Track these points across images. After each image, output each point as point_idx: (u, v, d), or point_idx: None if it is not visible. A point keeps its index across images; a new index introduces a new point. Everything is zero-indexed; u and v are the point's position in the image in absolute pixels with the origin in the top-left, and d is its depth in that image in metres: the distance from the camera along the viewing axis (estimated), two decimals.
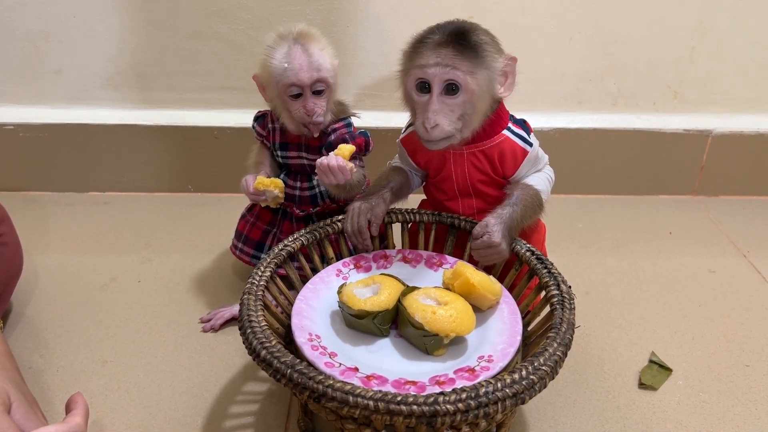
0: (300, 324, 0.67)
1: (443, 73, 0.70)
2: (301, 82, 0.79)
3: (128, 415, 0.74)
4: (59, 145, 1.24)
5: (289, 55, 0.79)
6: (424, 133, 0.72)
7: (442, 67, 0.70)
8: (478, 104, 0.72)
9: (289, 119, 0.84)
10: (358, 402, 0.53)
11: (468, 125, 0.73)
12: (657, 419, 0.75)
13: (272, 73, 0.80)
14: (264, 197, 0.85)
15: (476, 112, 0.73)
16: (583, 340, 0.87)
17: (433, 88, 0.71)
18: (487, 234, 0.71)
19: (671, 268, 1.06)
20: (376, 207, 0.78)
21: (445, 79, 0.70)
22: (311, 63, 0.80)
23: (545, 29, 1.19)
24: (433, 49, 0.70)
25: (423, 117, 0.72)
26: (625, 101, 1.27)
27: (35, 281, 0.98)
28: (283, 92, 0.81)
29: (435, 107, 0.71)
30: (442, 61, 0.70)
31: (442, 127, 0.71)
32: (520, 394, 0.55)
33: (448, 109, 0.71)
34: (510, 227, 0.73)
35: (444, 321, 0.64)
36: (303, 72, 0.79)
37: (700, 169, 1.30)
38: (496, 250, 0.71)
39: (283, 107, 0.83)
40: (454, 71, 0.69)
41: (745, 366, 0.84)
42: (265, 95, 0.86)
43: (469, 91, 0.70)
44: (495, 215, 0.73)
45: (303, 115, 0.82)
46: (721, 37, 1.21)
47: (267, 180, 0.85)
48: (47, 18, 1.16)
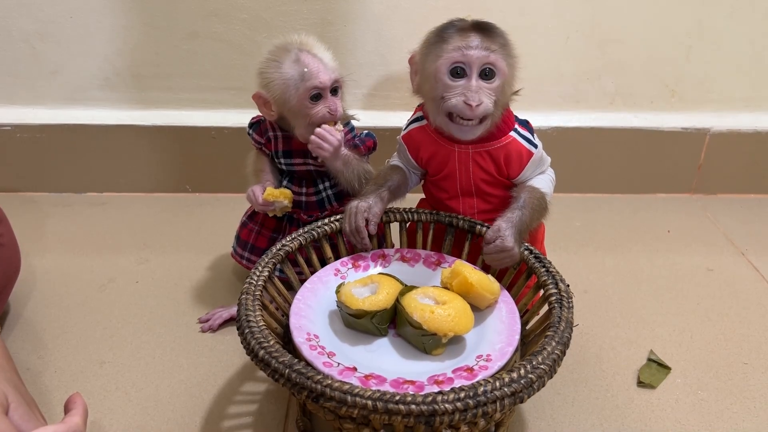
0: (298, 324, 0.67)
1: (483, 56, 0.70)
2: (323, 83, 0.80)
3: (126, 415, 0.74)
4: (56, 146, 1.23)
5: (302, 61, 0.79)
6: (467, 110, 0.71)
7: (482, 50, 0.70)
8: (508, 92, 0.74)
9: (306, 126, 0.83)
10: (357, 402, 0.53)
11: (499, 110, 0.74)
12: (656, 417, 0.75)
13: (288, 83, 0.80)
14: (273, 207, 0.85)
15: (504, 100, 0.74)
16: (582, 338, 0.87)
17: (472, 70, 0.71)
18: (499, 238, 0.71)
19: (669, 266, 1.06)
20: (373, 206, 0.78)
21: (484, 62, 0.71)
22: (326, 65, 0.81)
23: (542, 29, 1.19)
24: (470, 33, 0.71)
25: (464, 97, 0.71)
26: (623, 100, 1.27)
27: (33, 282, 0.98)
28: (304, 98, 0.80)
29: (475, 86, 0.71)
30: (481, 44, 0.71)
31: (486, 104, 0.71)
32: (519, 393, 0.55)
33: (487, 92, 0.72)
34: (520, 230, 0.73)
35: (442, 320, 0.63)
36: (322, 74, 0.80)
37: (698, 168, 1.30)
38: (509, 254, 0.71)
39: (301, 114, 0.82)
40: (494, 55, 0.71)
41: (744, 364, 0.84)
42: (269, 112, 0.84)
43: (504, 75, 0.72)
44: (505, 219, 0.73)
45: (326, 115, 0.82)
46: (718, 35, 1.21)
47: (276, 191, 0.85)
48: (44, 18, 1.16)
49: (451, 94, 0.72)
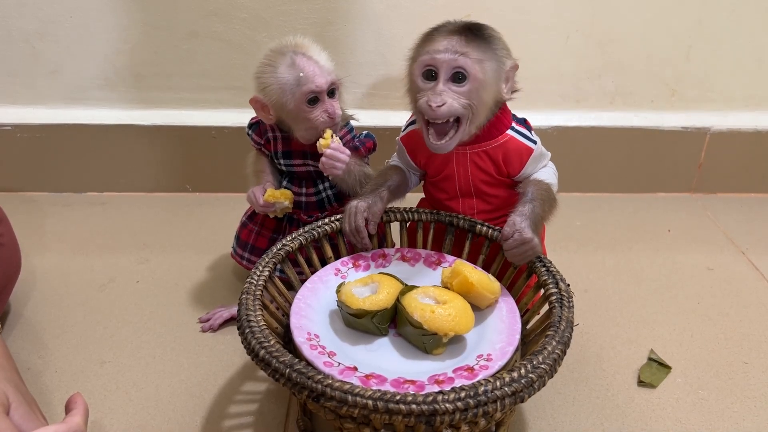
0: (299, 323, 0.67)
1: (452, 59, 0.70)
2: (319, 87, 0.79)
3: (127, 415, 0.74)
4: (56, 146, 1.23)
5: (298, 65, 0.79)
6: (429, 110, 0.70)
7: (451, 53, 0.70)
8: (485, 96, 0.72)
9: (306, 129, 0.83)
10: (357, 401, 0.53)
11: (475, 116, 0.72)
12: (656, 417, 0.75)
13: (284, 87, 0.79)
14: (274, 208, 0.86)
15: (482, 104, 0.72)
16: (582, 338, 0.87)
17: (440, 74, 0.70)
18: (517, 232, 0.70)
19: (670, 265, 1.06)
20: (373, 205, 0.78)
21: (453, 66, 0.70)
22: (322, 68, 0.80)
23: (543, 28, 1.18)
24: (445, 36, 0.71)
25: (427, 97, 0.70)
26: (623, 99, 1.27)
27: (33, 282, 0.98)
28: (301, 102, 0.80)
29: (440, 89, 0.70)
30: (452, 47, 0.70)
31: (451, 104, 0.70)
32: (519, 392, 0.55)
33: (455, 95, 0.71)
34: (535, 222, 0.72)
35: (443, 320, 0.63)
36: (318, 77, 0.79)
37: (698, 167, 1.30)
38: (529, 245, 0.70)
39: (300, 118, 0.82)
40: (463, 58, 0.69)
41: (744, 363, 0.84)
42: (267, 116, 0.84)
43: (476, 80, 0.70)
44: (518, 213, 0.72)
45: (325, 120, 0.82)
46: (718, 34, 1.21)
47: (277, 192, 0.85)
48: (43, 18, 1.16)
49: (420, 95, 0.72)
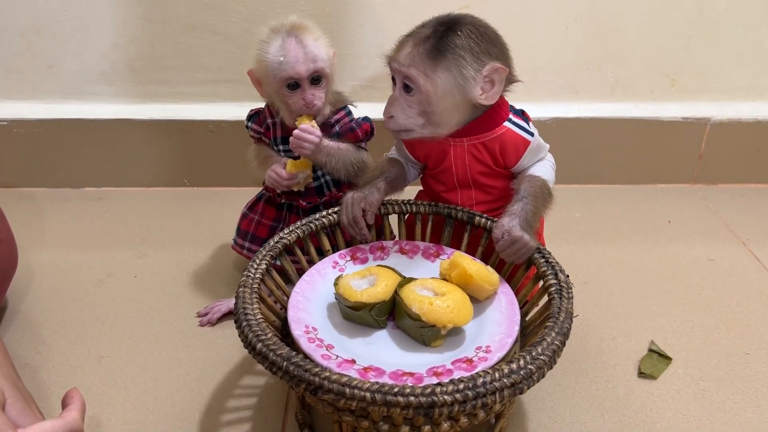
0: (296, 316, 0.67)
1: (402, 70, 0.72)
2: (298, 74, 0.79)
3: (125, 410, 0.74)
4: (53, 141, 1.23)
5: (284, 48, 0.79)
6: (384, 122, 0.75)
7: (399, 65, 0.72)
8: (439, 105, 0.72)
9: (288, 113, 0.84)
10: (355, 394, 0.53)
11: (435, 123, 0.74)
12: (657, 408, 0.75)
13: (268, 68, 0.80)
14: (297, 179, 0.85)
15: (439, 112, 0.73)
16: (582, 329, 0.87)
17: (397, 82, 0.74)
18: (506, 233, 0.70)
19: (670, 257, 1.05)
20: (369, 195, 0.78)
21: (402, 77, 0.72)
22: (307, 54, 0.79)
23: (541, 18, 1.18)
24: (404, 45, 0.73)
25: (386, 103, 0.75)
26: (623, 90, 1.26)
27: (30, 278, 0.98)
28: (280, 86, 0.80)
29: (392, 100, 0.74)
30: (401, 60, 0.72)
31: (397, 119, 0.74)
32: (519, 384, 0.55)
33: (406, 105, 0.73)
34: (526, 219, 0.72)
35: (441, 312, 0.63)
36: (299, 64, 0.79)
37: (699, 158, 1.29)
38: (521, 243, 0.70)
39: (282, 101, 0.83)
40: (408, 70, 0.71)
41: (745, 354, 0.84)
42: (262, 90, 0.85)
43: (423, 92, 0.71)
44: (506, 214, 0.72)
45: (302, 107, 0.81)
46: (718, 24, 1.20)
47: (297, 162, 0.85)
48: (39, 12, 1.15)
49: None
